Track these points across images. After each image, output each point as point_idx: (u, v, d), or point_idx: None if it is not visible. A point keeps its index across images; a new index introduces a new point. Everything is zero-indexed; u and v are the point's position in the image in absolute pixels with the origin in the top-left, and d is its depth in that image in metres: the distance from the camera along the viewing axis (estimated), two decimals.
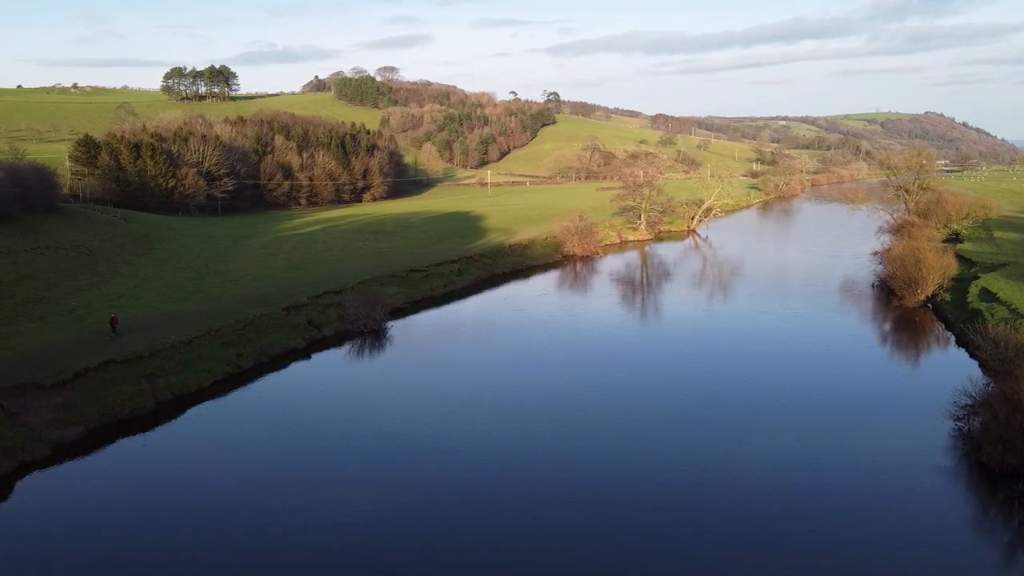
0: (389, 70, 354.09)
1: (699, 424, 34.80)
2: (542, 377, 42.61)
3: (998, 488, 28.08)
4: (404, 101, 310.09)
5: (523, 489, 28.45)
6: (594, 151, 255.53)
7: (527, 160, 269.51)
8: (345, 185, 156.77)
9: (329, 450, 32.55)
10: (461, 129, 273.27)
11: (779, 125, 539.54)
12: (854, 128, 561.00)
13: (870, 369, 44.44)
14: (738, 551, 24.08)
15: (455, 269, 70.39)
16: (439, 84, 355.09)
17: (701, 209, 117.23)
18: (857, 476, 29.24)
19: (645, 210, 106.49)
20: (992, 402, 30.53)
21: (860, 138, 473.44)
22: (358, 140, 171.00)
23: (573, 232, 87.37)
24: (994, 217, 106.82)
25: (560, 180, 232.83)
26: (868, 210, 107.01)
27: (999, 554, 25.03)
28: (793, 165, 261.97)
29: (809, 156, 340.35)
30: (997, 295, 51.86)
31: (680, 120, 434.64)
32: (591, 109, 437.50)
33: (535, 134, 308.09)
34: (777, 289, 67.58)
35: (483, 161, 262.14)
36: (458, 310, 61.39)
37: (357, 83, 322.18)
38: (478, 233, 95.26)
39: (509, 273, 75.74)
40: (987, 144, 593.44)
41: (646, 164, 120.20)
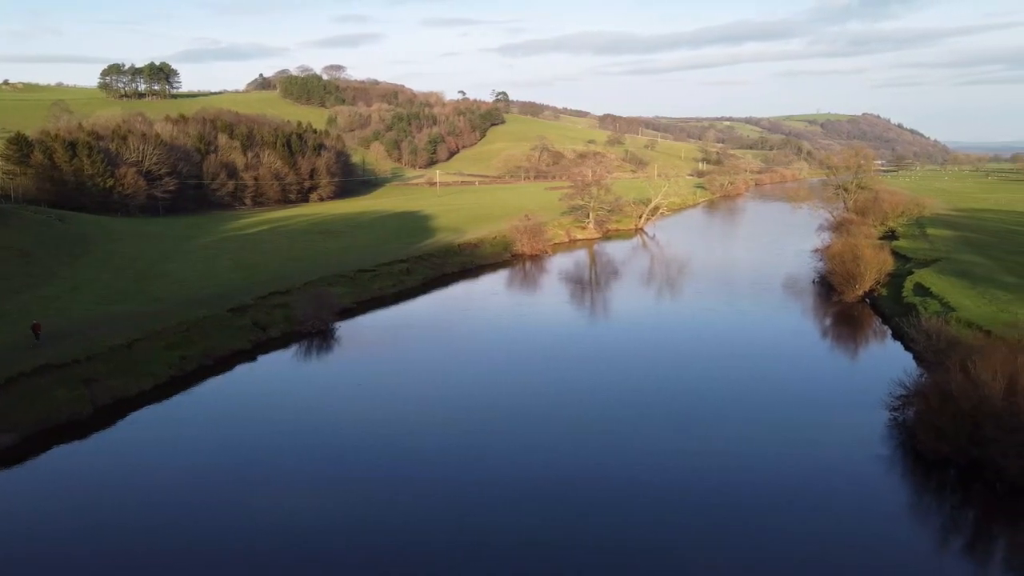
0: (336, 68, 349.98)
1: (647, 420, 35.22)
2: (493, 375, 42.64)
3: (932, 474, 29.10)
4: (352, 100, 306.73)
5: (471, 486, 28.41)
6: (543, 151, 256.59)
7: (476, 160, 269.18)
8: (292, 185, 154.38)
9: (275, 451, 32.01)
10: (410, 128, 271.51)
11: (724, 125, 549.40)
12: (796, 129, 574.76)
13: (812, 363, 45.62)
14: (684, 543, 24.46)
15: (404, 269, 69.95)
16: (387, 83, 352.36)
17: (649, 208, 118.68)
18: (800, 467, 30.01)
19: (594, 209, 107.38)
20: (926, 392, 31.61)
21: (801, 138, 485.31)
22: (305, 139, 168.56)
23: (522, 231, 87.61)
24: (928, 215, 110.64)
25: (509, 180, 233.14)
26: (809, 208, 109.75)
27: (934, 538, 25.95)
28: (738, 165, 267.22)
29: (753, 156, 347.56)
30: (930, 290, 53.72)
31: (628, 120, 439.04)
32: (540, 109, 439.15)
33: (484, 134, 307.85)
34: (723, 286, 68.82)
35: (432, 161, 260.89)
36: (408, 310, 61.03)
37: (304, 81, 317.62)
38: (427, 233, 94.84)
39: (459, 272, 75.58)
40: (921, 145, 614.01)
41: (594, 164, 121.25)
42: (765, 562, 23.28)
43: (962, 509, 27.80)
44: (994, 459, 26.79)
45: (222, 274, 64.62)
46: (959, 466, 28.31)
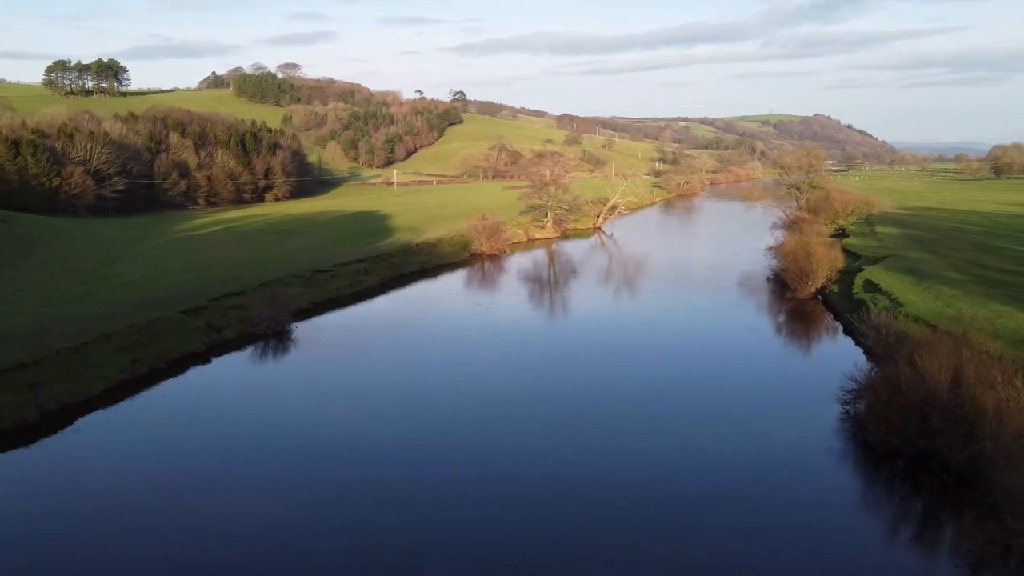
0: (291, 67, 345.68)
1: (605, 417, 35.40)
2: (452, 375, 42.46)
3: (882, 466, 29.81)
4: (307, 99, 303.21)
5: (432, 485, 28.26)
6: (501, 150, 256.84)
7: (434, 159, 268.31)
8: (246, 185, 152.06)
9: (230, 454, 31.48)
10: (367, 128, 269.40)
11: (680, 126, 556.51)
12: (749, 129, 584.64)
13: (767, 359, 46.44)
14: (644, 537, 24.65)
15: (362, 269, 69.36)
16: (343, 82, 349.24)
17: (606, 207, 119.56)
18: (755, 461, 30.48)
19: (552, 208, 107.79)
20: (876, 386, 32.39)
21: (755, 138, 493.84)
22: (259, 138, 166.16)
23: (481, 231, 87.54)
24: (876, 213, 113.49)
25: (468, 179, 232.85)
26: (763, 207, 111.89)
27: (884, 527, 26.59)
28: (693, 164, 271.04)
29: (708, 156, 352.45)
30: (879, 286, 55.06)
31: (585, 120, 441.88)
32: (498, 108, 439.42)
33: (442, 133, 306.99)
34: (680, 285, 69.64)
35: (389, 160, 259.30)
36: (366, 310, 60.54)
37: (257, 80, 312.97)
38: (385, 232, 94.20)
39: (417, 272, 75.20)
40: (870, 145, 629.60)
41: (552, 163, 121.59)
42: (722, 554, 23.59)
43: (911, 499, 28.53)
44: (940, 450, 27.57)
45: (175, 275, 63.31)
46: (907, 457, 29.04)
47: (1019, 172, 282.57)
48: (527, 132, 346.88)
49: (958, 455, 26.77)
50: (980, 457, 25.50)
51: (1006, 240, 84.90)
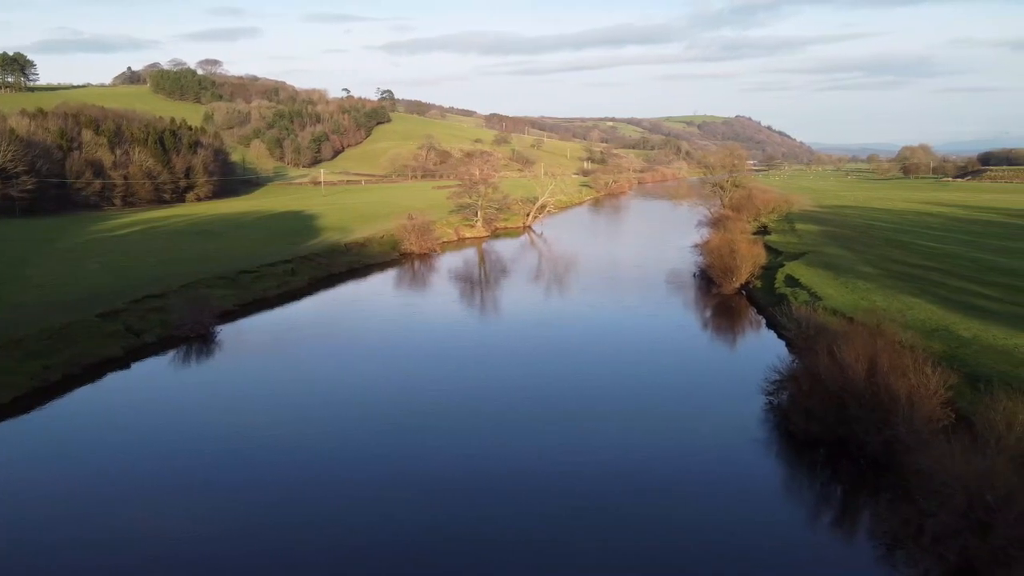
0: (212, 63, 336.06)
1: (535, 415, 35.55)
2: (382, 375, 41.96)
3: (803, 454, 30.81)
4: (230, 96, 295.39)
5: (358, 486, 27.86)
6: (430, 149, 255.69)
7: (362, 159, 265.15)
8: (166, 184, 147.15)
9: (153, 462, 30.29)
10: (292, 126, 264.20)
11: (607, 126, 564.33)
12: (675, 129, 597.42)
13: (695, 354, 47.46)
14: (573, 535, 24.82)
15: (289, 269, 67.89)
16: (267, 79, 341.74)
17: (536, 206, 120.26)
18: (683, 455, 31.07)
19: (482, 207, 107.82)
20: (797, 376, 33.48)
21: (680, 139, 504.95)
22: (179, 136, 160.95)
23: (410, 230, 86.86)
24: (796, 211, 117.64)
25: (397, 179, 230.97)
26: (689, 206, 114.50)
27: (806, 513, 27.50)
28: (621, 164, 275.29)
29: (635, 155, 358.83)
30: (799, 280, 56.99)
31: (514, 120, 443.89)
32: (426, 108, 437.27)
33: (370, 132, 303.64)
34: (609, 282, 70.58)
35: (316, 160, 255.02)
36: (294, 311, 59.27)
37: (176, 76, 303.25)
38: (313, 232, 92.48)
39: (346, 272, 74.11)
40: (788, 146, 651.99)
41: (482, 163, 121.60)
42: (651, 546, 23.96)
43: (831, 485, 29.57)
44: (858, 436, 28.67)
45: (90, 277, 60.64)
46: (827, 444, 30.08)
47: (925, 172, 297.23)
48: (456, 131, 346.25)
49: (874, 441, 27.89)
50: (894, 442, 26.62)
51: (914, 236, 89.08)
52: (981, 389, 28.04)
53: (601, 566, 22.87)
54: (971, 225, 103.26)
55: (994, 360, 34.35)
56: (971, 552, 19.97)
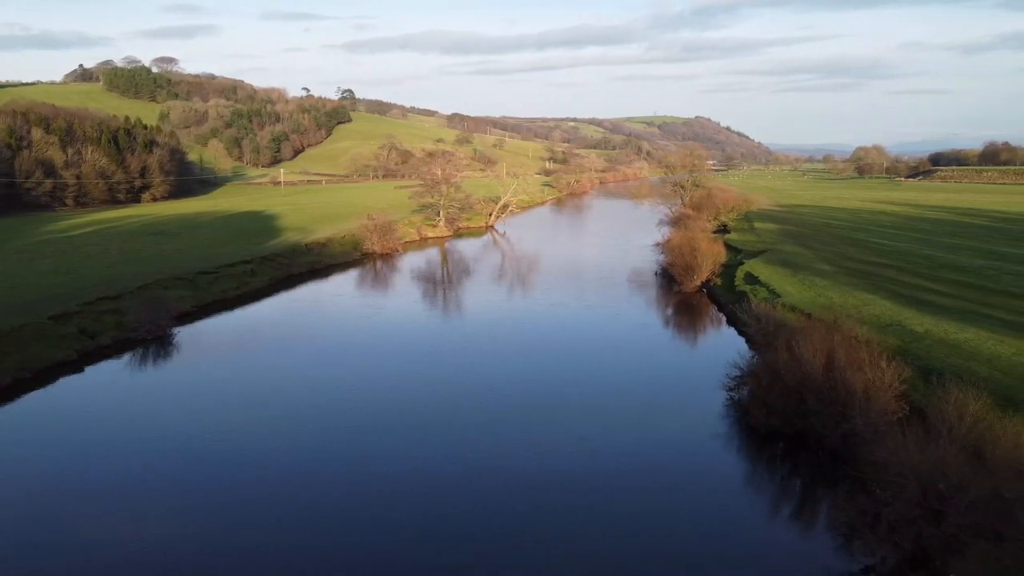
0: (168, 61, 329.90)
1: (500, 414, 35.57)
2: (345, 376, 41.60)
3: (764, 447, 31.29)
4: (186, 95, 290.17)
5: (322, 487, 27.58)
6: (392, 149, 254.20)
7: (323, 158, 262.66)
8: (120, 184, 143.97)
9: (110, 466, 29.60)
10: (251, 126, 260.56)
11: (569, 126, 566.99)
12: (635, 129, 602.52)
13: (657, 352, 47.87)
14: (542, 530, 24.90)
15: (248, 270, 66.89)
16: (225, 78, 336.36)
17: (499, 206, 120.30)
18: (647, 451, 31.33)
19: (444, 207, 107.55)
20: (757, 372, 34.00)
21: (641, 139, 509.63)
22: (134, 135, 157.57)
23: (372, 230, 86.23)
24: (755, 210, 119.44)
25: (358, 179, 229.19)
26: (650, 205, 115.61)
27: (766, 506, 27.94)
28: (583, 164, 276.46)
29: (597, 155, 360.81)
30: (759, 278, 57.88)
31: (476, 120, 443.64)
32: (387, 107, 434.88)
33: (330, 132, 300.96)
34: (572, 281, 70.84)
35: (276, 159, 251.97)
36: (254, 312, 58.43)
37: (131, 74, 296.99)
38: (273, 233, 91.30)
39: (307, 273, 73.29)
40: (747, 146, 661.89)
41: (444, 162, 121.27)
42: (617, 542, 24.12)
43: (790, 477, 30.05)
44: (816, 429, 29.24)
45: (42, 279, 59.06)
46: (787, 438, 30.60)
47: (879, 172, 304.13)
48: (418, 131, 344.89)
49: (832, 433, 28.45)
50: (851, 434, 27.20)
51: (869, 234, 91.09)
52: (933, 382, 28.74)
53: (567, 563, 22.96)
54: (923, 223, 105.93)
55: (945, 353, 35.28)
56: (925, 539, 20.48)
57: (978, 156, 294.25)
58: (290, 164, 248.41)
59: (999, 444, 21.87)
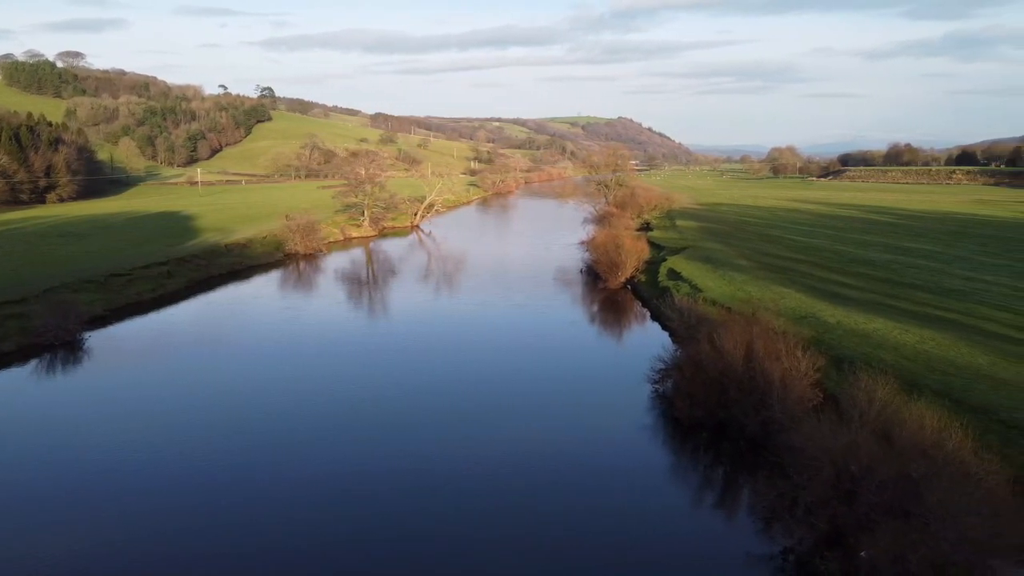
0: (74, 56, 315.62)
1: (427, 416, 35.33)
2: (266, 381, 40.59)
3: (688, 438, 32.04)
4: (94, 91, 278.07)
5: (240, 496, 26.87)
6: (314, 149, 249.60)
7: (242, 158, 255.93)
8: (23, 184, 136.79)
9: (14, 478, 28.09)
10: (165, 124, 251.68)
11: (494, 126, 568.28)
12: (560, 130, 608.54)
13: (584, 348, 48.41)
14: (474, 530, 24.87)
15: (165, 272, 64.53)
16: (137, 74, 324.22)
17: (424, 205, 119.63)
18: (574, 448, 31.53)
19: (369, 207, 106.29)
20: (681, 364, 34.81)
21: (565, 139, 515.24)
22: (37, 133, 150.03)
23: (295, 230, 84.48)
24: (677, 209, 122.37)
25: (279, 179, 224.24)
26: (575, 204, 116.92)
27: (691, 494, 28.63)
28: (508, 164, 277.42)
29: (522, 155, 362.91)
30: (681, 274, 59.27)
31: (400, 119, 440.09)
32: (309, 106, 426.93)
33: (249, 131, 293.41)
34: (498, 280, 70.97)
35: (192, 159, 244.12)
36: (171, 316, 56.38)
37: (33, 68, 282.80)
38: (190, 233, 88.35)
39: (227, 274, 71.26)
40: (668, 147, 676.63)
41: (368, 162, 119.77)
42: (547, 539, 24.32)
43: (714, 466, 30.88)
44: (737, 418, 30.12)
45: None
46: (710, 428, 31.43)
47: (793, 172, 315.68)
48: (340, 131, 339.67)
49: (752, 422, 29.37)
50: (770, 422, 28.15)
51: (784, 231, 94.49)
52: (845, 369, 30.03)
53: (494, 561, 23.00)
54: (834, 221, 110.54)
55: (856, 343, 36.92)
56: (839, 520, 21.35)
57: (883, 157, 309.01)
58: (207, 164, 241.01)
59: (905, 426, 22.97)
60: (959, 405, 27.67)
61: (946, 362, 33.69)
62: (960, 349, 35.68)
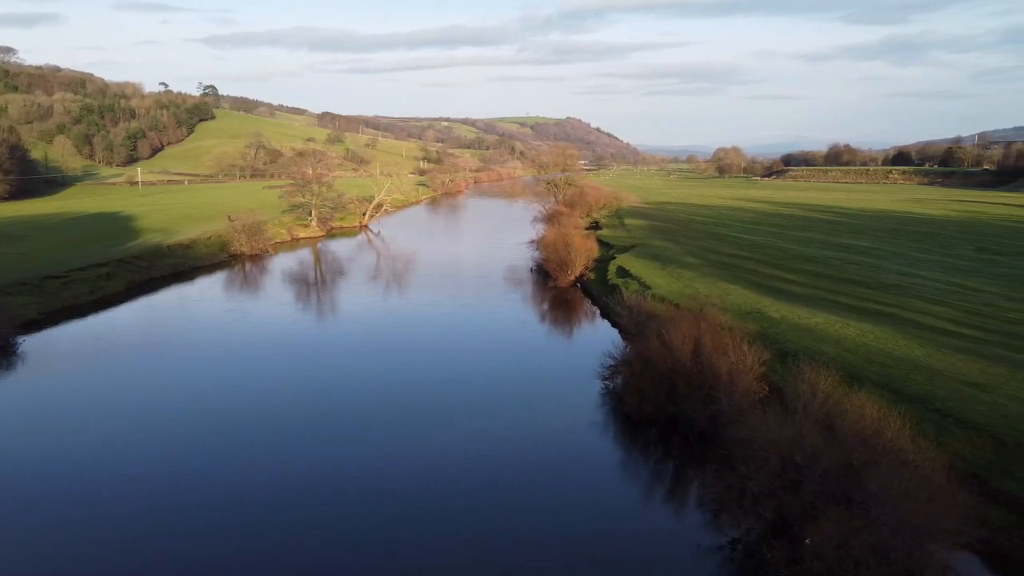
0: (5, 51, 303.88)
1: (381, 417, 35.05)
2: (210, 386, 39.71)
3: (638, 433, 32.39)
4: (27, 88, 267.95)
5: (182, 500, 26.24)
6: (259, 148, 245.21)
7: (185, 157, 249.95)
8: None
9: None
10: (103, 122, 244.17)
11: (443, 126, 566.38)
12: (509, 130, 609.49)
13: (534, 347, 48.52)
14: (430, 530, 24.72)
15: (104, 274, 62.60)
16: (72, 71, 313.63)
17: (372, 205, 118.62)
18: (527, 447, 31.56)
19: (316, 207, 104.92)
20: (630, 360, 35.15)
21: (514, 139, 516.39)
22: None
23: (240, 230, 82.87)
24: (625, 207, 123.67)
25: (224, 179, 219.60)
26: (525, 203, 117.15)
27: (642, 489, 28.94)
28: (457, 163, 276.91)
29: (471, 155, 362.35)
30: (630, 271, 59.88)
31: (348, 119, 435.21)
32: (254, 105, 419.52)
33: (192, 130, 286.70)
34: (448, 280, 70.68)
35: (132, 158, 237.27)
36: (110, 319, 54.70)
37: None
38: (131, 234, 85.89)
39: (170, 276, 69.53)
40: (616, 147, 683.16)
41: (315, 161, 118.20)
42: (498, 537, 24.31)
43: (664, 461, 31.28)
44: (686, 413, 30.56)
45: None
46: (659, 423, 31.81)
47: (737, 172, 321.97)
48: (287, 130, 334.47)
49: (700, 416, 29.83)
50: (718, 415, 28.62)
51: (730, 229, 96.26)
52: (789, 363, 30.70)
53: (448, 563, 22.90)
54: (777, 219, 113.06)
55: (799, 337, 37.80)
56: (785, 509, 21.83)
57: (824, 157, 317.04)
58: (149, 163, 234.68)
59: (847, 417, 23.61)
60: (897, 395, 28.58)
61: (885, 354, 34.73)
62: (898, 342, 36.82)
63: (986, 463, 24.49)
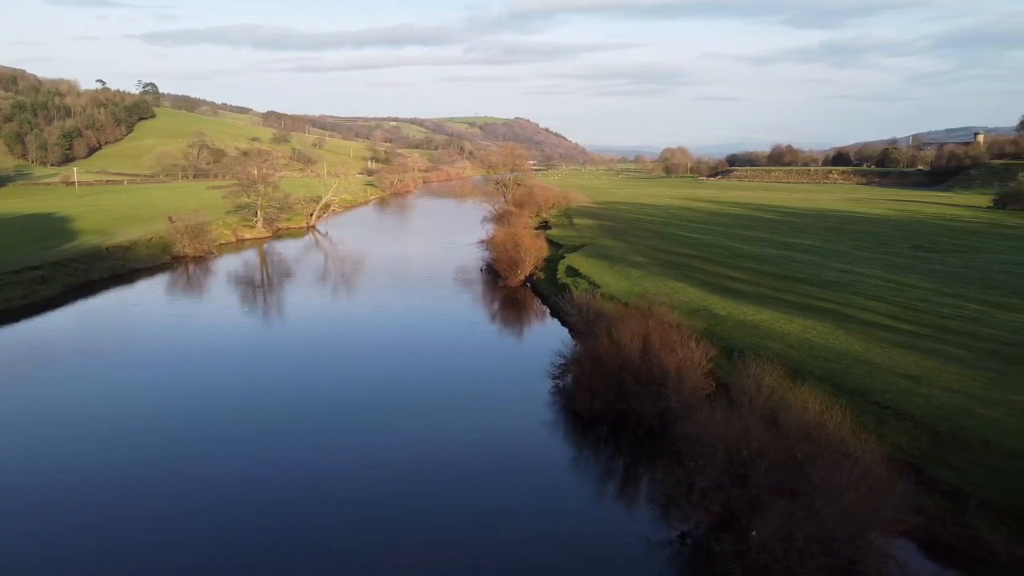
0: None
1: (330, 421, 34.59)
2: (146, 389, 38.62)
3: (589, 431, 32.59)
4: None
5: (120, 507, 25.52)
6: (202, 148, 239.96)
7: (123, 157, 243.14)
8: None
9: None
10: (36, 120, 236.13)
11: (391, 125, 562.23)
12: (458, 130, 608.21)
13: (485, 347, 48.49)
14: (385, 533, 24.48)
15: (38, 277, 60.45)
16: (3, 66, 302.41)
17: (320, 205, 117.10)
18: (478, 447, 31.46)
19: (262, 207, 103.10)
20: (580, 359, 35.37)
21: (463, 139, 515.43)
22: None
23: (182, 232, 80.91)
24: (574, 207, 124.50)
25: (165, 179, 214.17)
26: (474, 203, 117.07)
27: (594, 485, 29.12)
28: (406, 163, 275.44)
29: (420, 155, 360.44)
30: (579, 271, 60.29)
31: (294, 118, 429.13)
32: (196, 103, 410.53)
33: (131, 128, 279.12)
34: (397, 281, 70.06)
35: (68, 158, 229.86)
36: (45, 324, 52.83)
37: None
38: (67, 236, 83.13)
39: (109, 279, 67.49)
40: (565, 147, 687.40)
41: (260, 161, 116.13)
42: (447, 540, 24.21)
43: (614, 457, 31.54)
44: (636, 409, 30.88)
45: None
46: (610, 420, 32.08)
47: (684, 172, 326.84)
48: (231, 129, 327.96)
49: (650, 412, 30.18)
50: (667, 411, 29.01)
51: (677, 228, 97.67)
52: (736, 359, 31.29)
53: (397, 566, 22.71)
54: (723, 218, 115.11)
55: (745, 333, 38.56)
56: (732, 502, 22.22)
57: (767, 157, 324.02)
58: (86, 163, 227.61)
59: (791, 411, 24.17)
60: (838, 389, 29.36)
61: (826, 349, 35.66)
62: (839, 337, 37.84)
63: (922, 453, 25.32)
